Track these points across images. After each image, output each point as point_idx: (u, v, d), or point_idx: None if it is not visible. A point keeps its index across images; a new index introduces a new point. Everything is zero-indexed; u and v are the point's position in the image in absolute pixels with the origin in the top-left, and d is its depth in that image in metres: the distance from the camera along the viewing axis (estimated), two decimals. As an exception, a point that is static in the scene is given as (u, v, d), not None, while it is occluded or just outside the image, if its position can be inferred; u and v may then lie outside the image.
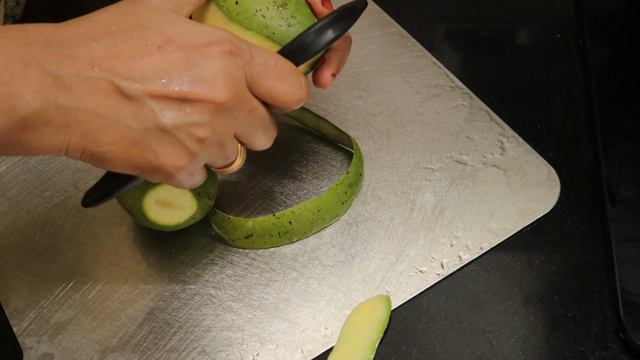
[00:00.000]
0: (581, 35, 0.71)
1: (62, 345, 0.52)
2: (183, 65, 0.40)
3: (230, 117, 0.42)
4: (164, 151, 0.41)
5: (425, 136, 0.63)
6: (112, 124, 0.39)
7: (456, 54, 0.71)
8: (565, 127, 0.64)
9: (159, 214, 0.52)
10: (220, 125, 0.42)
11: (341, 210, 0.58)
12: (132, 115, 0.39)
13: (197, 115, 0.40)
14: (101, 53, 0.39)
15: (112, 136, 0.39)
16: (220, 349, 0.52)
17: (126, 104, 0.39)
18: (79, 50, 0.38)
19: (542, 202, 0.59)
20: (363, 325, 0.52)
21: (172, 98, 0.39)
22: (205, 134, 0.41)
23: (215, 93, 0.40)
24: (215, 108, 0.41)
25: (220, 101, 0.40)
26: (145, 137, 0.40)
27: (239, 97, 0.41)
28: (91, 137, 0.39)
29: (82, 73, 0.38)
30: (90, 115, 0.39)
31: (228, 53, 0.41)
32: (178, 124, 0.40)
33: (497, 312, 0.54)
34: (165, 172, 0.42)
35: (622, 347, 0.51)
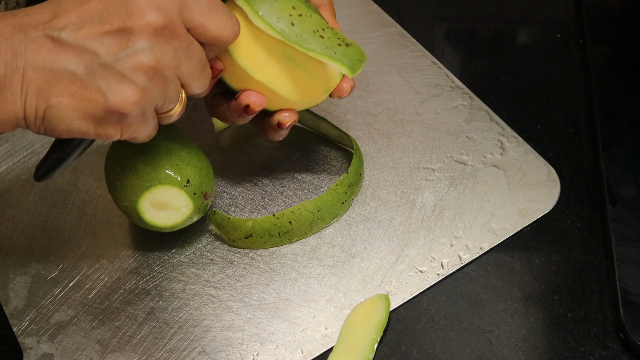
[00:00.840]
0: (581, 35, 0.71)
1: (62, 345, 0.52)
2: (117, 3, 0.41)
3: (169, 45, 0.42)
4: (111, 88, 0.41)
5: (425, 136, 0.63)
6: (57, 74, 0.40)
7: (456, 54, 0.71)
8: (565, 127, 0.64)
9: (156, 215, 0.52)
10: (162, 54, 0.42)
11: (341, 210, 0.58)
12: (74, 60, 0.40)
13: (138, 43, 0.41)
14: (47, 16, 0.41)
15: (60, 86, 0.41)
16: (220, 349, 0.52)
17: (67, 52, 0.40)
18: (28, 18, 0.41)
19: (542, 202, 0.59)
20: (362, 325, 0.52)
21: (109, 33, 0.41)
22: (149, 61, 0.42)
23: (151, 18, 0.41)
24: (153, 33, 0.41)
25: (157, 24, 0.41)
26: (91, 79, 0.41)
27: (174, 25, 0.42)
28: (41, 92, 0.41)
29: (29, 36, 0.40)
30: (38, 72, 0.40)
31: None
32: (120, 56, 0.41)
33: (497, 312, 0.54)
34: (116, 112, 0.42)
35: (622, 347, 0.51)
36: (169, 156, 0.52)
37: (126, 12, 0.41)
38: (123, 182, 0.52)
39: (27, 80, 0.40)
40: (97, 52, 0.41)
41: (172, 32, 0.42)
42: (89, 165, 0.62)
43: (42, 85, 0.41)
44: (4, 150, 0.63)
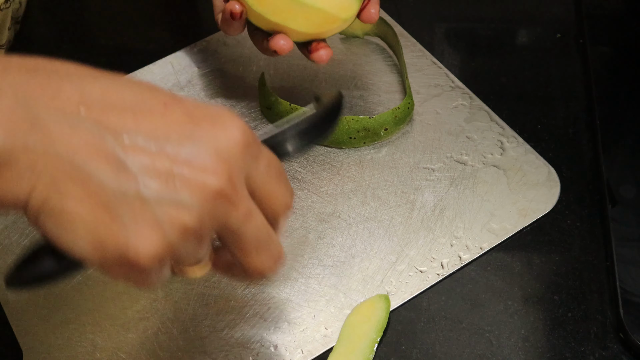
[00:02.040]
0: (581, 35, 0.71)
1: (62, 345, 0.52)
2: (185, 132, 0.33)
3: (221, 211, 0.34)
4: (136, 229, 0.32)
5: (425, 136, 0.63)
6: (85, 177, 0.32)
7: (456, 54, 0.71)
8: (565, 127, 0.64)
9: None
10: (208, 217, 0.34)
11: (347, 143, 0.62)
12: (111, 173, 0.32)
13: (185, 197, 0.33)
14: (97, 93, 0.33)
15: (82, 191, 0.32)
16: (220, 349, 0.52)
17: (107, 159, 0.32)
18: (69, 85, 0.32)
19: (542, 202, 0.59)
20: (362, 325, 0.52)
21: (160, 167, 0.33)
22: (191, 221, 0.33)
23: (209, 179, 0.33)
24: (207, 195, 0.33)
25: (213, 188, 0.33)
26: (119, 204, 0.32)
27: (235, 189, 0.34)
28: (58, 186, 0.31)
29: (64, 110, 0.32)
30: (63, 162, 0.31)
31: (239, 137, 0.34)
32: (161, 199, 0.32)
33: (497, 312, 0.54)
34: (131, 257, 0.32)
35: (622, 347, 0.51)
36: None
37: (188, 156, 0.33)
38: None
39: (45, 164, 0.31)
40: (138, 179, 0.32)
41: (231, 196, 0.34)
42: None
43: (62, 179, 0.31)
44: (4, 150, 0.63)
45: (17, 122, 0.31)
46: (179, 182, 0.33)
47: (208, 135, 0.34)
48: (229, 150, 0.34)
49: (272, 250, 0.37)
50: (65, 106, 0.32)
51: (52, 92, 0.32)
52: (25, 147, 0.31)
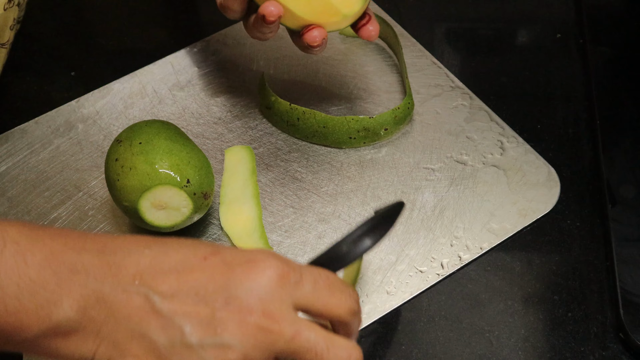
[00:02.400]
0: (581, 35, 0.71)
1: (62, 345, 0.52)
2: (223, 280, 0.38)
3: (265, 341, 0.38)
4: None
5: (425, 136, 0.63)
6: (139, 336, 0.38)
7: (456, 54, 0.70)
8: (565, 127, 0.64)
9: (156, 215, 0.52)
10: (254, 350, 0.38)
11: (347, 143, 0.61)
12: (159, 329, 0.38)
13: (227, 336, 0.38)
14: (147, 262, 0.38)
15: (139, 348, 0.38)
16: (220, 349, 0.52)
17: (155, 318, 0.38)
18: (128, 259, 0.38)
19: (542, 202, 0.59)
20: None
21: (201, 315, 0.38)
22: (235, 358, 0.38)
23: (247, 314, 0.38)
24: (249, 331, 0.38)
25: (256, 325, 0.38)
26: (170, 353, 0.38)
27: (274, 319, 0.38)
28: (119, 348, 0.38)
29: (122, 282, 0.38)
30: (120, 326, 0.38)
31: (276, 276, 0.39)
32: (205, 344, 0.38)
33: (497, 312, 0.54)
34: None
35: (622, 347, 0.51)
36: (169, 156, 0.52)
37: (225, 299, 0.38)
38: (123, 182, 0.52)
39: (107, 331, 0.38)
40: (183, 330, 0.38)
41: (270, 330, 0.38)
42: (89, 165, 0.62)
43: (122, 341, 0.38)
44: (4, 150, 0.63)
45: (86, 299, 0.37)
46: (219, 326, 0.38)
47: (242, 279, 0.38)
48: (263, 287, 0.38)
49: (338, 353, 0.40)
50: (123, 279, 0.38)
51: (115, 269, 0.38)
52: (91, 318, 0.37)
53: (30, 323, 0.37)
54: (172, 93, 0.67)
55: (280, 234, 0.58)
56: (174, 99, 0.66)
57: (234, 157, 0.61)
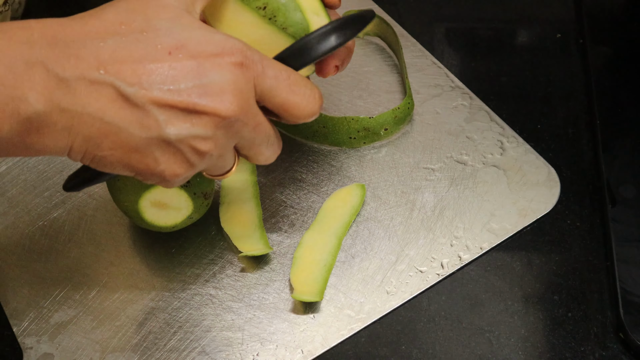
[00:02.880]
0: (581, 35, 0.71)
1: (62, 345, 0.52)
2: (192, 75, 0.39)
3: (233, 131, 0.41)
4: (164, 159, 0.40)
5: (425, 136, 0.63)
6: (115, 130, 0.38)
7: (456, 54, 0.71)
8: (565, 127, 0.64)
9: (156, 215, 0.52)
10: (223, 139, 0.41)
11: (346, 142, 0.62)
12: (136, 123, 0.38)
13: (201, 129, 0.40)
14: (108, 55, 0.38)
15: (115, 142, 0.39)
16: (220, 349, 0.52)
17: (131, 111, 0.38)
18: (85, 51, 0.37)
19: (542, 202, 0.59)
20: (338, 209, 0.58)
21: (178, 108, 0.39)
22: (208, 148, 0.41)
23: (222, 106, 0.39)
24: (220, 122, 0.40)
25: (226, 115, 0.40)
26: (147, 145, 0.39)
27: (245, 112, 0.41)
28: (94, 141, 0.39)
29: (87, 76, 0.37)
30: (94, 120, 0.38)
31: (239, 65, 0.40)
32: (182, 136, 0.40)
33: (497, 312, 0.54)
34: (162, 177, 0.42)
35: (622, 347, 0.51)
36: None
37: (201, 89, 0.39)
38: (123, 182, 0.52)
39: (80, 125, 0.38)
40: (160, 122, 0.39)
41: (241, 119, 0.41)
42: (89, 165, 0.62)
43: (97, 135, 0.38)
44: (4, 150, 0.63)
45: (51, 90, 0.36)
46: (193, 117, 0.39)
47: (211, 71, 0.39)
48: (232, 78, 0.39)
49: (275, 147, 0.45)
50: (87, 70, 0.37)
51: (74, 60, 0.37)
52: (61, 109, 0.37)
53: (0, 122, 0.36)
54: (172, 93, 0.67)
55: (280, 234, 0.58)
56: (174, 99, 0.66)
57: None
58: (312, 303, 0.53)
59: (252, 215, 0.58)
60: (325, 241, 0.56)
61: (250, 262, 0.56)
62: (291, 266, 0.55)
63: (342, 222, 0.57)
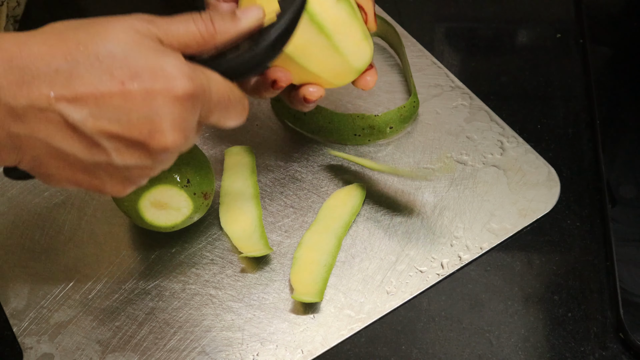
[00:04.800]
0: (581, 35, 0.71)
1: (62, 345, 0.52)
2: (143, 108, 0.39)
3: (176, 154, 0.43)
4: (110, 181, 0.42)
5: (425, 136, 0.63)
6: (63, 154, 0.40)
7: (456, 54, 0.71)
8: (565, 127, 0.64)
9: (156, 215, 0.52)
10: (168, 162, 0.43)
11: (351, 140, 0.62)
12: (84, 149, 0.40)
13: (148, 160, 0.41)
14: (60, 84, 0.38)
15: (62, 164, 0.40)
16: (220, 349, 0.52)
17: (79, 139, 0.39)
18: (38, 80, 0.38)
19: (542, 202, 0.59)
20: (338, 209, 0.58)
21: (126, 141, 0.40)
22: (153, 173, 0.43)
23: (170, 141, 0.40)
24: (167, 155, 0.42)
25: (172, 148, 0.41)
26: (95, 169, 0.41)
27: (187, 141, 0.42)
28: (41, 161, 0.40)
29: (37, 104, 0.38)
30: (42, 144, 0.39)
31: (190, 97, 0.40)
32: (129, 165, 0.41)
33: (497, 312, 0.54)
34: (106, 193, 0.43)
35: (622, 347, 0.51)
36: (169, 156, 0.52)
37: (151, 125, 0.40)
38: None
39: (27, 146, 0.39)
40: (108, 151, 0.40)
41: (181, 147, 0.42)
42: (89, 165, 0.62)
43: (43, 157, 0.40)
44: (4, 150, 0.63)
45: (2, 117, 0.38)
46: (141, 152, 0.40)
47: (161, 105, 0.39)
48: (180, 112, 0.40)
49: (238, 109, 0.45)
50: (38, 100, 0.38)
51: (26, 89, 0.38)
52: (10, 134, 0.38)
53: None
54: (172, 93, 0.67)
55: (280, 234, 0.58)
56: (174, 99, 0.66)
57: (234, 157, 0.61)
58: (312, 303, 0.53)
59: (252, 215, 0.58)
60: (325, 241, 0.56)
61: (250, 262, 0.56)
62: (291, 266, 0.55)
63: (342, 222, 0.57)
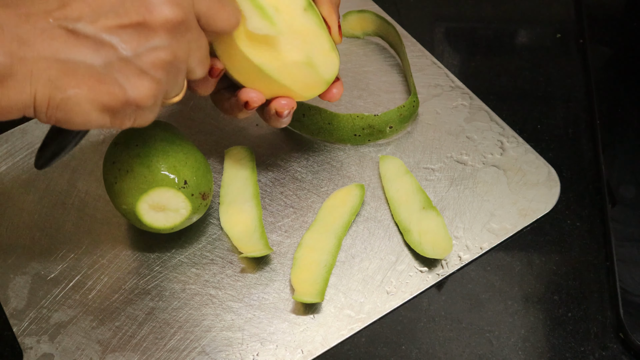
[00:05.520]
0: (581, 35, 0.71)
1: (62, 345, 0.52)
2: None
3: (184, 39, 0.43)
4: (130, 83, 0.41)
5: (425, 136, 0.63)
6: (73, 66, 0.40)
7: (456, 54, 0.71)
8: (565, 127, 0.64)
9: (154, 217, 0.52)
10: (178, 47, 0.43)
11: (351, 140, 0.62)
12: (92, 53, 0.40)
13: (156, 39, 0.41)
14: (55, 5, 0.40)
15: (76, 78, 0.40)
16: (220, 349, 0.52)
17: (85, 44, 0.40)
18: (33, 8, 0.40)
19: (542, 202, 0.59)
20: (338, 209, 0.58)
21: (127, 27, 0.40)
22: (168, 57, 0.42)
23: (169, 13, 0.41)
24: (171, 28, 0.42)
25: (173, 18, 0.41)
26: (109, 72, 0.40)
27: (188, 19, 0.43)
28: (55, 83, 0.39)
29: (38, 26, 0.39)
30: (51, 62, 0.39)
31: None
32: (139, 52, 0.41)
33: (497, 312, 0.54)
34: (134, 104, 0.42)
35: (622, 347, 0.51)
36: (166, 158, 0.52)
37: (144, 6, 0.41)
38: (120, 185, 0.52)
39: (39, 70, 0.39)
40: (115, 45, 0.40)
41: (187, 27, 0.43)
42: (88, 166, 0.62)
43: (57, 76, 0.39)
44: (4, 150, 0.63)
45: (8, 44, 0.38)
46: (145, 32, 0.41)
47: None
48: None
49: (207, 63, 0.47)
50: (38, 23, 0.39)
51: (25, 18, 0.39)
52: (20, 58, 0.38)
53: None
54: (172, 93, 0.67)
55: (280, 234, 0.58)
56: (174, 99, 0.66)
57: (234, 157, 0.61)
58: (313, 303, 0.53)
59: (252, 215, 0.58)
60: (325, 241, 0.56)
61: (250, 262, 0.56)
62: (291, 267, 0.55)
63: (342, 222, 0.57)
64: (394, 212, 0.57)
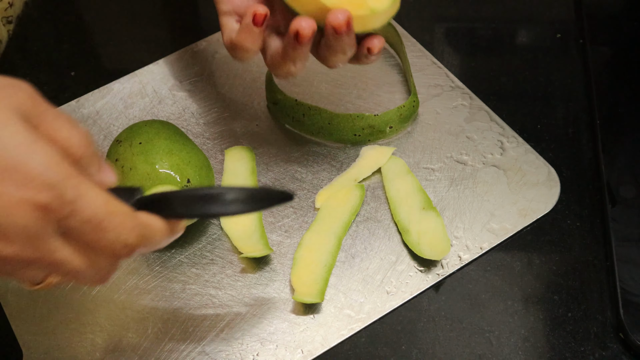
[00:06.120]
0: (581, 35, 0.71)
1: (62, 345, 0.52)
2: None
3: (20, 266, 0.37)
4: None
5: (425, 136, 0.63)
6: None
7: (456, 54, 0.70)
8: (565, 127, 0.64)
9: None
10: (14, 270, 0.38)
11: (351, 140, 0.62)
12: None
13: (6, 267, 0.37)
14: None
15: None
16: (220, 349, 0.52)
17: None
18: None
19: (542, 202, 0.59)
20: (338, 209, 0.58)
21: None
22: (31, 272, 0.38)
23: (5, 251, 0.36)
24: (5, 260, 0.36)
25: (8, 257, 0.36)
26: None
27: (34, 252, 0.37)
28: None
29: None
30: None
31: (42, 208, 0.35)
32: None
33: (497, 312, 0.54)
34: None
35: (622, 347, 0.51)
36: (169, 156, 0.52)
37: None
38: (123, 183, 0.52)
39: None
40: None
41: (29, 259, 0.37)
42: (89, 165, 0.62)
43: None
44: (4, 150, 0.63)
45: None
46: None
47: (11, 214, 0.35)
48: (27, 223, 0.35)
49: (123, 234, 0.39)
50: None
51: None
52: None
53: None
54: (172, 93, 0.67)
55: (280, 234, 0.58)
56: (174, 99, 0.66)
57: (234, 157, 0.61)
58: (313, 303, 0.53)
59: (252, 215, 0.58)
60: (325, 241, 0.56)
61: (250, 263, 0.56)
62: (291, 267, 0.55)
63: (342, 222, 0.57)
64: (393, 212, 0.57)
